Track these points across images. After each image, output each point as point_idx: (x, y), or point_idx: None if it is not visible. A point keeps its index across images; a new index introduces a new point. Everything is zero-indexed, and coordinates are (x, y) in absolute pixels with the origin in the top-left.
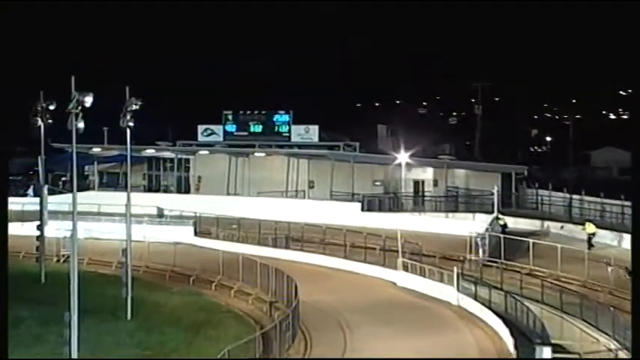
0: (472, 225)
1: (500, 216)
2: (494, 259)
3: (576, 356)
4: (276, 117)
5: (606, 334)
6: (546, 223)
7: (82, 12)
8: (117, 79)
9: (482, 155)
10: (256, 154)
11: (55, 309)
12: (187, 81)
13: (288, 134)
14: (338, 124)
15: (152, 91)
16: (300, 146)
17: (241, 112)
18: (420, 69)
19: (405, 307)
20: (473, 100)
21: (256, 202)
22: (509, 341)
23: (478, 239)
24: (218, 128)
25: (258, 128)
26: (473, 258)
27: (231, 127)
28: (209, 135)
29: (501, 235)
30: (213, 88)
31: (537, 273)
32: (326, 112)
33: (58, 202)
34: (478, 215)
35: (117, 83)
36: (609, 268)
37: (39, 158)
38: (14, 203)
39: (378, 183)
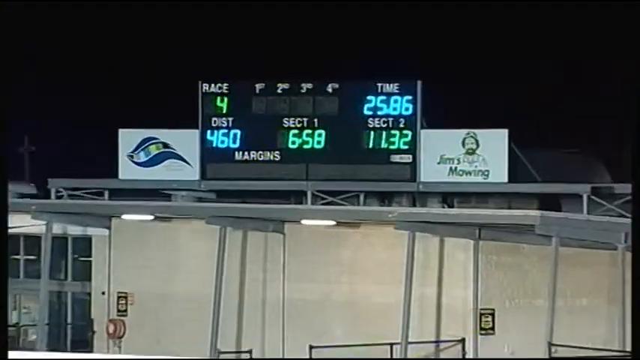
0: None
1: None
2: None
3: None
4: (370, 100)
5: None
6: None
7: None
8: None
9: None
10: (305, 221)
11: None
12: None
13: (410, 157)
14: (569, 126)
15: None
16: (447, 198)
17: (259, 84)
18: None
19: None
20: None
21: None
22: None
23: None
24: (182, 137)
25: (318, 140)
26: None
27: (219, 136)
28: (153, 162)
29: None
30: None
31: None
32: (522, 94)
33: None
34: None
35: None
36: None
37: None
38: None
39: None
